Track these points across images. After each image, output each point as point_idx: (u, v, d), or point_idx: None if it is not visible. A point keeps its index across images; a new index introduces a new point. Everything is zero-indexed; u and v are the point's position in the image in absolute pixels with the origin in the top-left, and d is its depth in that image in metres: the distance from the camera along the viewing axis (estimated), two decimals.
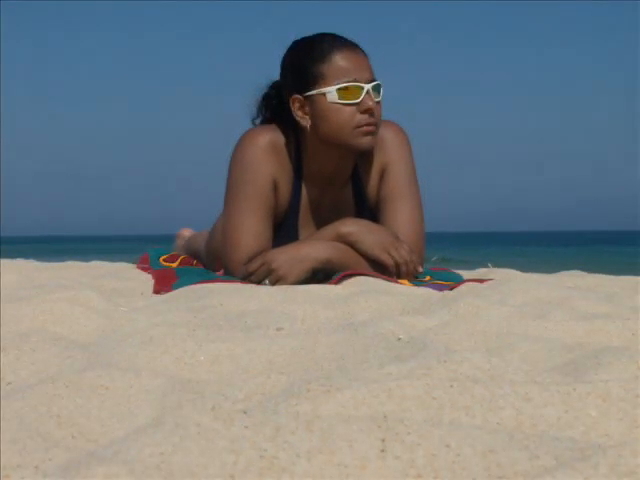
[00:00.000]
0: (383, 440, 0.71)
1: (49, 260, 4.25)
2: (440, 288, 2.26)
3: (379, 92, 2.45)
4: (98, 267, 3.39)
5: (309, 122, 2.44)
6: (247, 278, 2.37)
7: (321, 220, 2.58)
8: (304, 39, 2.49)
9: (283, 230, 2.57)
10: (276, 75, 2.57)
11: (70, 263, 3.68)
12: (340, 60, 2.39)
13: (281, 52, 2.53)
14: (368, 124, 2.40)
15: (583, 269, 3.19)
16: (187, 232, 3.71)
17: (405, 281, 2.38)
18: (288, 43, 2.52)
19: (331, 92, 2.39)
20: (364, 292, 1.95)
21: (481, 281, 2.35)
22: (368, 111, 2.40)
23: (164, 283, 2.42)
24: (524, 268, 3.47)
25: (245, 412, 0.78)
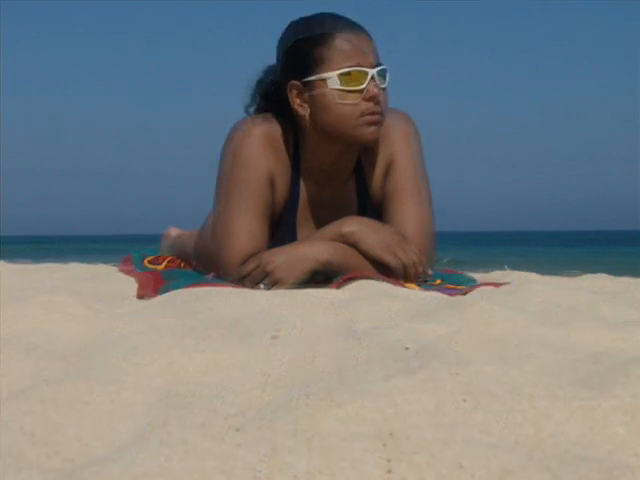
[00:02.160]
0: (389, 460, 0.71)
1: (23, 262, 4.24)
2: (451, 292, 2.26)
3: (385, 78, 2.45)
4: (77, 269, 3.39)
5: (308, 111, 2.44)
6: (241, 281, 2.37)
7: (321, 218, 2.58)
8: (302, 19, 2.49)
9: (280, 229, 2.56)
10: (272, 59, 2.57)
11: (46, 265, 3.68)
12: (342, 42, 2.39)
13: (278, 34, 2.53)
14: (373, 113, 2.40)
15: (609, 272, 3.18)
16: (175, 231, 3.71)
17: (413, 285, 2.38)
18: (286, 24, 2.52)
19: (332, 78, 2.38)
20: (368, 297, 1.94)
21: (497, 285, 2.35)
22: (373, 99, 2.39)
23: (149, 287, 2.41)
24: (544, 270, 3.47)
25: (238, 429, 0.78)
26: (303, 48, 2.42)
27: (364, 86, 2.39)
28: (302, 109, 2.45)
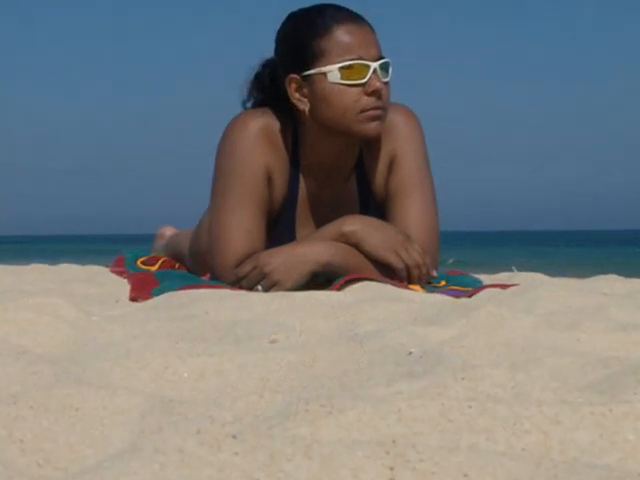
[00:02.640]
0: (392, 468, 0.71)
1: (12, 263, 4.25)
2: (457, 294, 2.26)
3: (387, 71, 2.45)
4: (67, 271, 3.39)
5: (308, 105, 2.44)
6: (237, 283, 2.37)
7: (321, 217, 2.58)
8: (302, 10, 2.49)
9: (278, 229, 2.56)
10: (270, 52, 2.57)
11: (36, 266, 3.68)
12: (343, 35, 2.39)
13: (277, 26, 2.53)
14: (375, 108, 2.40)
15: (619, 273, 3.18)
16: (169, 231, 3.71)
17: (417, 287, 2.38)
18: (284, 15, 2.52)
19: (333, 71, 2.38)
20: (370, 299, 1.95)
21: (504, 286, 2.35)
22: (375, 93, 2.39)
23: (142, 289, 2.41)
24: (552, 272, 3.47)
25: (235, 436, 0.78)
26: (302, 41, 2.42)
27: (366, 80, 2.39)
28: (301, 104, 2.45)
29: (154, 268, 3.08)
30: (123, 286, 2.59)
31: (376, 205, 2.60)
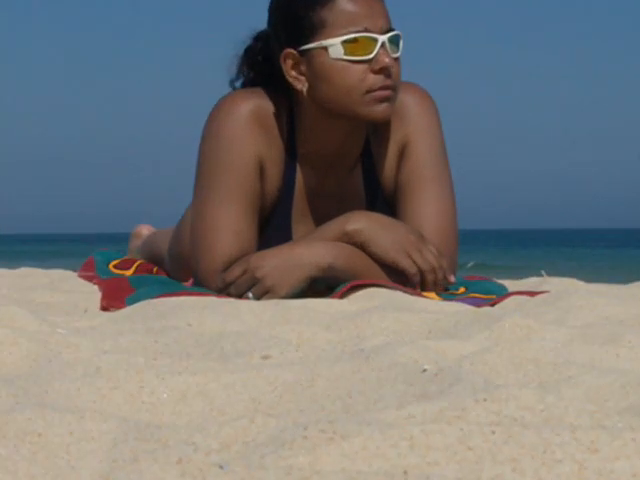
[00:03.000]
0: None
1: None
2: (478, 303, 2.26)
3: (398, 45, 2.45)
4: (28, 275, 3.39)
5: (306, 84, 2.44)
6: (224, 290, 2.37)
7: (321, 214, 2.58)
8: None
9: (271, 227, 2.57)
10: (263, 24, 2.57)
11: None
12: (346, 3, 2.39)
13: None
14: (383, 87, 2.40)
15: None
16: (146, 230, 3.72)
17: (432, 294, 2.38)
18: None
19: (335, 45, 2.38)
20: (378, 308, 1.95)
21: (532, 294, 2.35)
22: (384, 70, 2.39)
23: (115, 296, 2.41)
24: (588, 277, 3.47)
25: (221, 466, 0.78)
26: (300, 10, 2.42)
27: (373, 55, 2.39)
28: (299, 82, 2.45)
29: (129, 272, 3.09)
30: (93, 293, 2.59)
31: (385, 200, 2.60)
